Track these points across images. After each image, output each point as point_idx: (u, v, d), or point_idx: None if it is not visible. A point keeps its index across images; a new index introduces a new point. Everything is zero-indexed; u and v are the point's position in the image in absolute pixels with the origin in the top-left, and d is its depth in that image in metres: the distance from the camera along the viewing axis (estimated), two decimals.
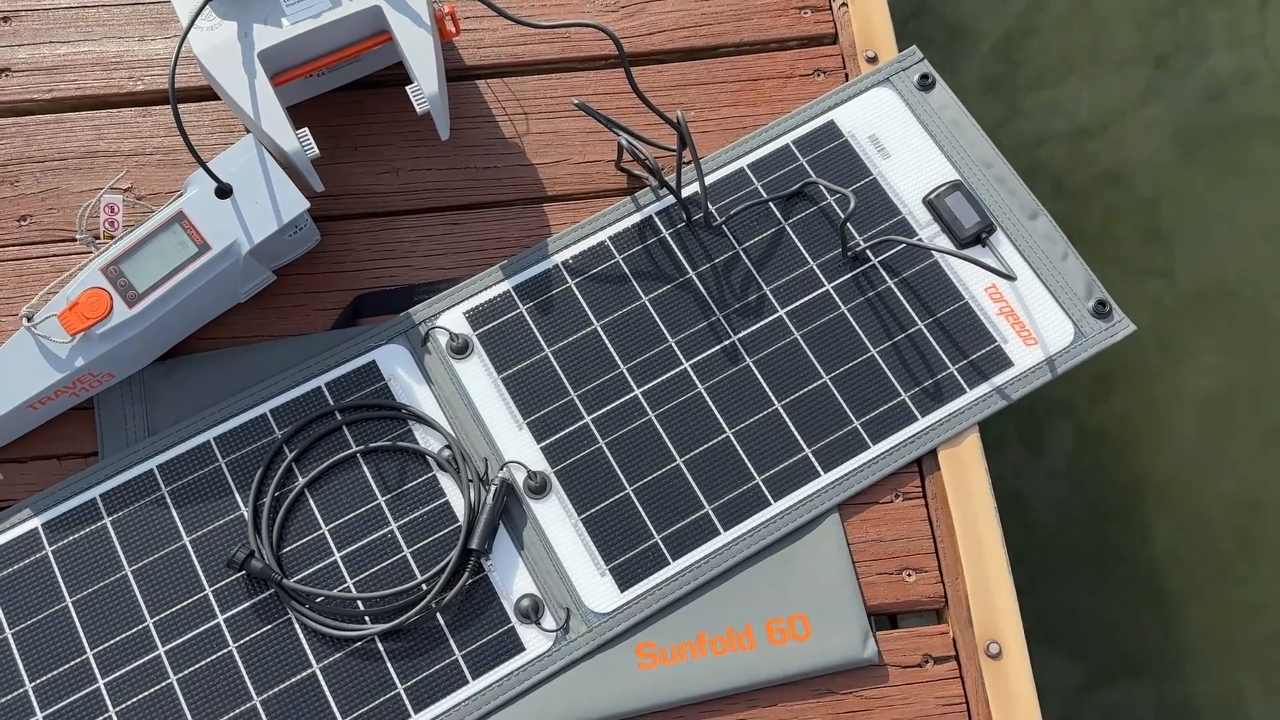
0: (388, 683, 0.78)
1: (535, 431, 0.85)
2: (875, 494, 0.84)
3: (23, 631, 0.78)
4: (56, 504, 0.82)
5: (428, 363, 0.87)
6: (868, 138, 0.94)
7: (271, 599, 0.79)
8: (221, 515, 0.82)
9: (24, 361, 0.80)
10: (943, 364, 0.87)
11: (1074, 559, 1.29)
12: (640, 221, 0.92)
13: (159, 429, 0.84)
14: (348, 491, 0.83)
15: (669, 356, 0.87)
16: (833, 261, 0.90)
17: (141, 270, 0.80)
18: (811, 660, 0.78)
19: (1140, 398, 1.35)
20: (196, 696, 0.77)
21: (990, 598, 0.80)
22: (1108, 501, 1.31)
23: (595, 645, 0.79)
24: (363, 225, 0.92)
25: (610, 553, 0.82)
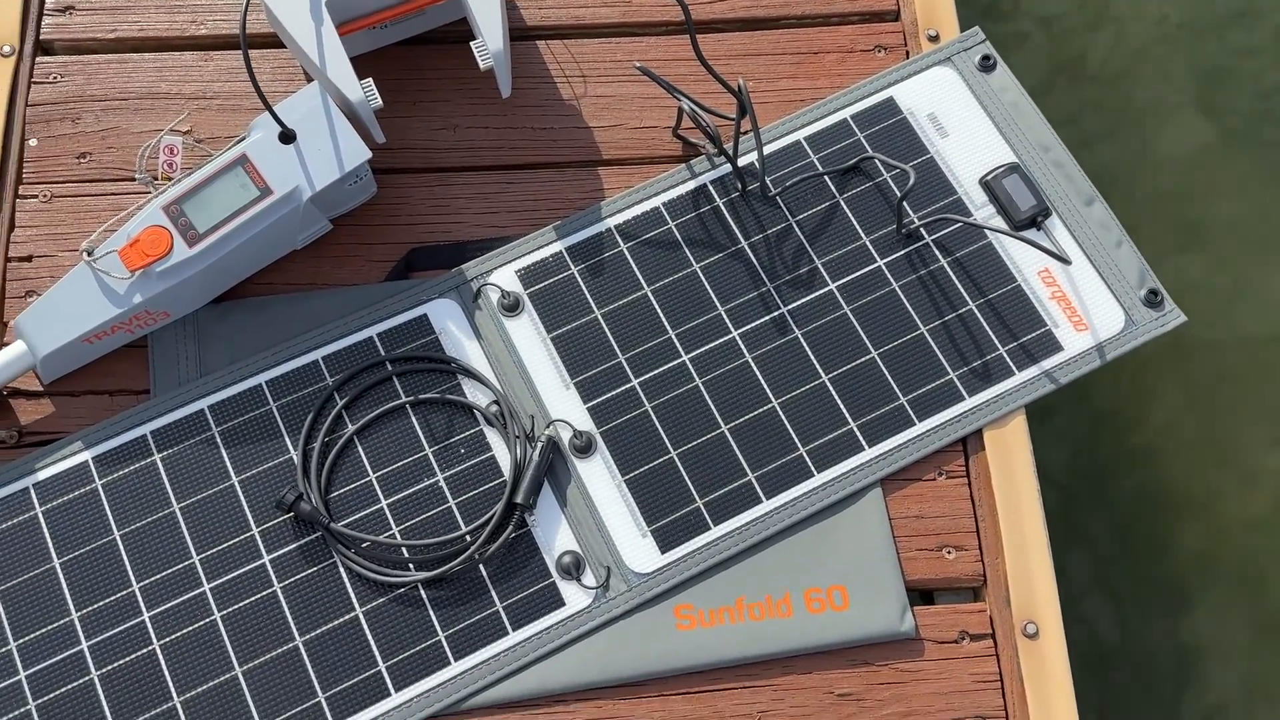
0: (429, 630, 0.78)
1: (582, 392, 0.85)
2: (918, 471, 0.84)
3: (71, 561, 0.79)
4: (107, 439, 0.83)
5: (478, 319, 0.88)
6: (926, 116, 0.94)
7: (317, 542, 0.80)
8: (270, 458, 0.82)
9: (82, 295, 0.81)
10: (992, 345, 0.87)
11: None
12: (694, 189, 0.92)
13: (211, 370, 0.85)
14: (396, 441, 0.84)
15: (718, 324, 0.87)
16: (886, 238, 0.90)
17: (203, 211, 0.81)
18: (849, 631, 0.79)
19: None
20: (239, 634, 0.78)
21: (1029, 578, 0.80)
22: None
23: (634, 604, 0.80)
24: (418, 180, 0.93)
25: (652, 514, 0.82)
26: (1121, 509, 1.31)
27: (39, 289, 0.88)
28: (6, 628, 0.77)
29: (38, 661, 0.76)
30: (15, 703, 0.75)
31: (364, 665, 0.77)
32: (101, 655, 0.77)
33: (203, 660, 0.77)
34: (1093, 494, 1.32)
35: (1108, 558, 1.29)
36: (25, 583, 0.79)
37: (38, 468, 0.81)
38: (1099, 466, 1.33)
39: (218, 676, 0.76)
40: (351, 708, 0.76)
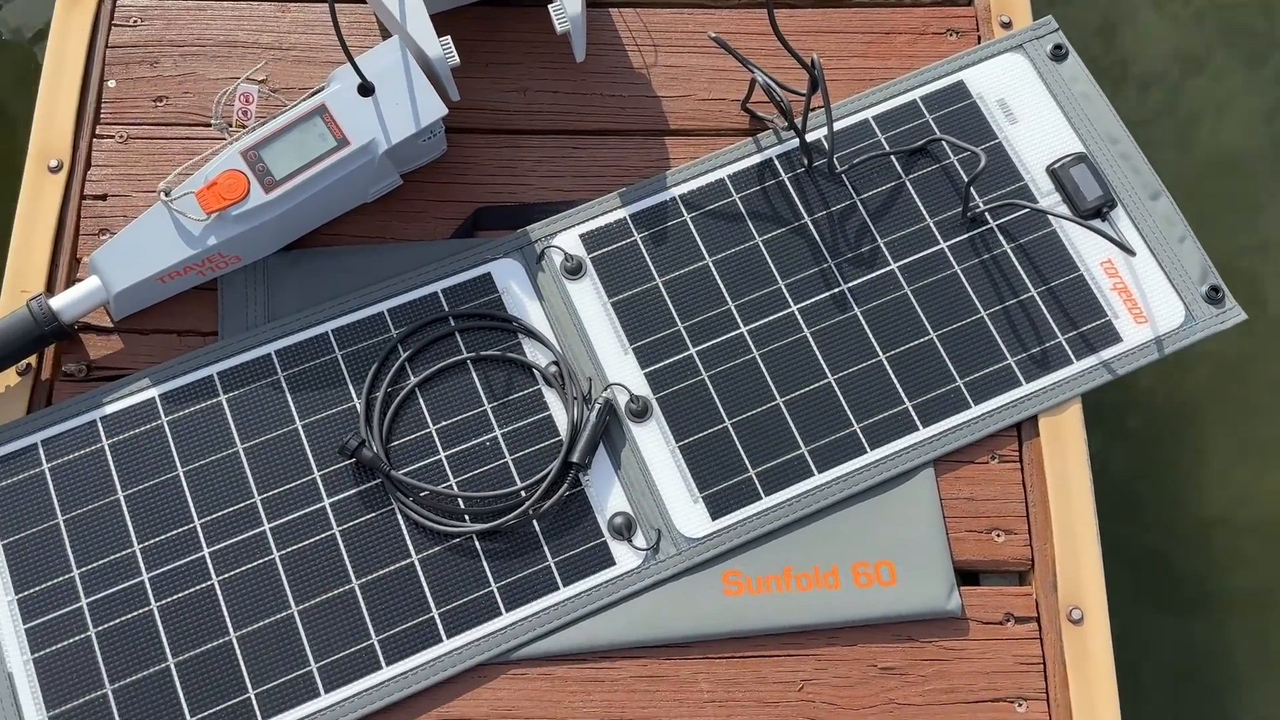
0: (482, 580, 0.80)
1: (640, 357, 0.86)
2: (971, 454, 0.84)
3: (134, 495, 0.81)
4: (174, 377, 0.84)
5: (541, 280, 0.89)
6: (996, 101, 0.94)
7: (377, 489, 0.82)
8: (334, 405, 0.84)
9: (158, 234, 0.82)
10: (1052, 332, 0.87)
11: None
12: (760, 163, 0.92)
13: (279, 316, 0.86)
14: (456, 395, 0.85)
15: (777, 298, 0.88)
16: (950, 220, 0.90)
17: (280, 158, 0.82)
18: (895, 606, 0.80)
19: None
20: (297, 574, 0.79)
21: (1077, 565, 0.81)
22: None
23: (683, 568, 0.81)
24: (487, 140, 0.94)
25: (705, 481, 0.83)
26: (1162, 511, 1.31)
27: (112, 228, 0.89)
28: (70, 555, 0.79)
29: (99, 590, 0.78)
30: (76, 628, 0.78)
31: (418, 611, 0.79)
32: (161, 587, 0.79)
33: (260, 597, 0.79)
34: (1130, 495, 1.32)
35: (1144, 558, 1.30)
36: (90, 513, 0.80)
37: (105, 402, 0.83)
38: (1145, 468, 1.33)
39: (274, 614, 0.78)
40: (404, 651, 0.78)
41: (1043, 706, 0.78)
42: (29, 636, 0.77)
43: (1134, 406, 1.36)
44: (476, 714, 0.77)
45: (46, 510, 0.80)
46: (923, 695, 0.78)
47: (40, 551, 0.79)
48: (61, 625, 0.78)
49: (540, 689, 0.78)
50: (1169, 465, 1.34)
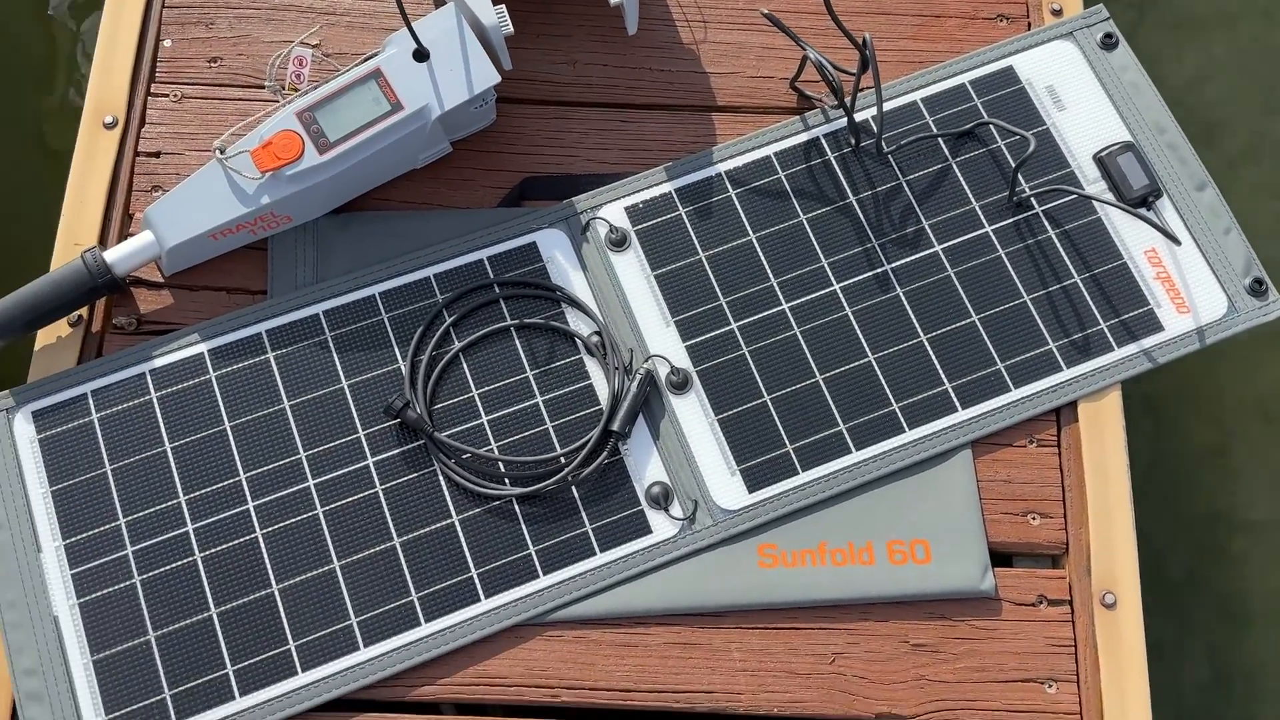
0: (520, 542, 0.81)
1: (682, 330, 0.87)
2: (1010, 436, 0.85)
3: (182, 447, 0.82)
4: (224, 333, 0.86)
5: (585, 251, 0.89)
6: (1045, 88, 0.94)
7: (420, 450, 0.83)
8: (379, 366, 0.85)
9: (212, 191, 0.84)
10: (1094, 319, 0.87)
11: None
12: (806, 141, 0.93)
13: (327, 277, 0.88)
14: (499, 361, 0.86)
15: (820, 276, 0.89)
16: (996, 204, 0.90)
17: (335, 120, 0.83)
18: (929, 584, 0.80)
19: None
20: (340, 530, 0.81)
21: (1111, 550, 0.81)
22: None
23: (719, 539, 0.82)
24: (536, 111, 0.95)
25: (742, 454, 0.84)
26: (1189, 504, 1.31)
27: (165, 185, 0.91)
28: (117, 503, 0.81)
29: (144, 539, 0.80)
30: (121, 575, 0.79)
31: (457, 570, 0.80)
32: (206, 538, 0.80)
33: (302, 551, 0.80)
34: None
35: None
36: (137, 463, 0.82)
37: (155, 355, 0.85)
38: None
39: (316, 568, 0.79)
40: (442, 609, 0.79)
41: (1073, 689, 0.79)
42: (75, 582, 0.79)
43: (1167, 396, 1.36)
44: (512, 673, 0.78)
45: (95, 459, 0.82)
46: (953, 672, 0.79)
47: (88, 499, 0.81)
48: (107, 572, 0.79)
49: (575, 651, 0.79)
50: (1191, 456, 1.34)
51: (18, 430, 0.82)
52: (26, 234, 1.46)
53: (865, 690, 0.78)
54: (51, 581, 0.79)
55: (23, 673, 0.77)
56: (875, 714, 0.78)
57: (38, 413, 0.83)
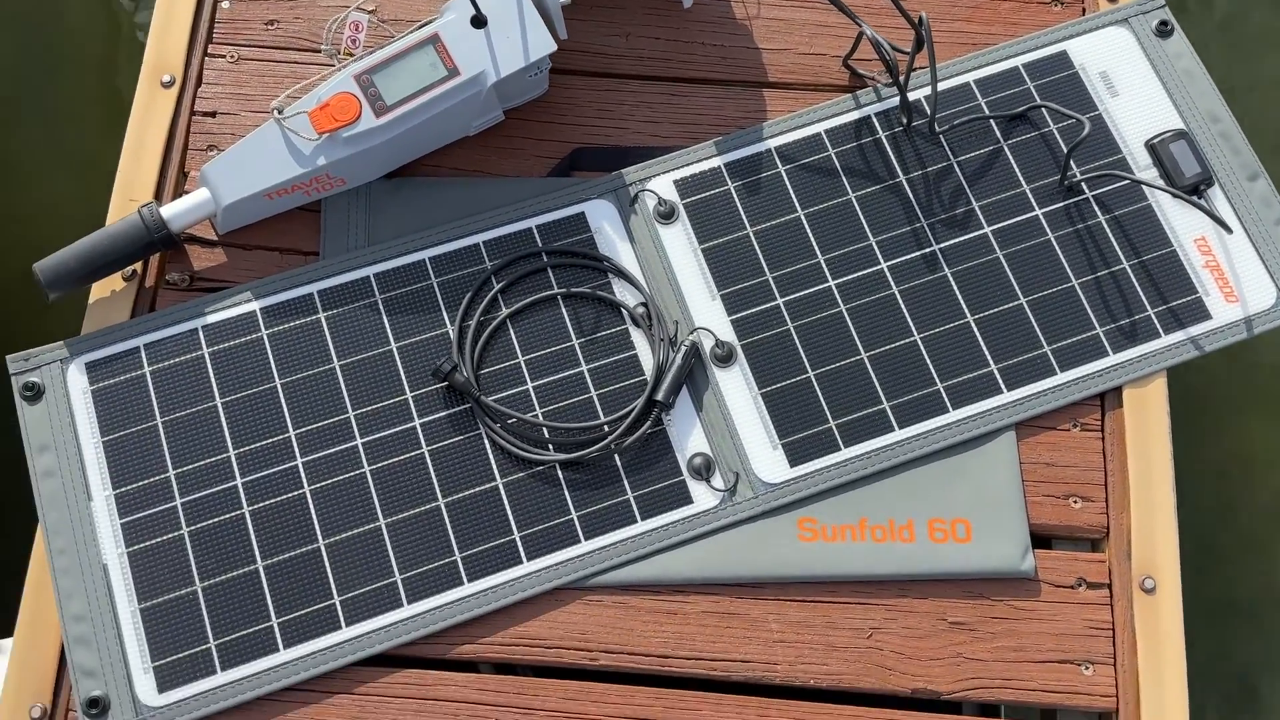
0: (563, 507, 0.82)
1: (727, 304, 0.87)
2: (1054, 420, 0.85)
3: (232, 403, 0.84)
4: (276, 292, 0.87)
5: (633, 223, 0.90)
6: (1098, 74, 0.94)
7: (466, 413, 0.84)
8: (428, 329, 0.86)
9: (270, 151, 0.84)
10: (1141, 305, 0.87)
11: None
12: (858, 120, 0.93)
13: (378, 240, 0.88)
14: (546, 329, 0.87)
15: (868, 254, 0.89)
16: (1046, 188, 0.90)
17: (392, 84, 0.84)
18: (969, 563, 0.81)
19: None
20: (386, 488, 0.82)
21: (1152, 535, 0.81)
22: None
23: (759, 511, 0.82)
24: (587, 83, 0.95)
25: (785, 429, 0.84)
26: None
27: (220, 144, 0.92)
28: (167, 456, 0.82)
29: (193, 491, 0.81)
30: (170, 526, 0.80)
31: (500, 532, 0.81)
32: (254, 493, 0.81)
33: (349, 509, 0.81)
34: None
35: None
36: (188, 417, 0.83)
37: (207, 311, 0.86)
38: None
39: (362, 525, 0.81)
40: (485, 569, 0.80)
41: (1109, 671, 0.79)
42: (124, 531, 0.80)
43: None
44: (551, 635, 0.79)
45: (146, 411, 0.83)
46: (990, 651, 0.79)
47: (138, 450, 0.82)
48: (156, 522, 0.81)
49: (614, 616, 0.80)
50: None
51: (71, 381, 0.84)
52: (86, 188, 1.50)
53: (902, 665, 0.79)
54: (101, 530, 0.80)
55: (72, 618, 0.78)
56: (911, 689, 0.78)
57: (91, 364, 0.84)
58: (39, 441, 0.82)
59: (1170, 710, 0.77)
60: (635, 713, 0.78)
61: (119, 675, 0.77)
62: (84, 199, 1.51)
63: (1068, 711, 0.79)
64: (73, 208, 1.52)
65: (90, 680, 0.77)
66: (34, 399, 0.83)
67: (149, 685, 0.77)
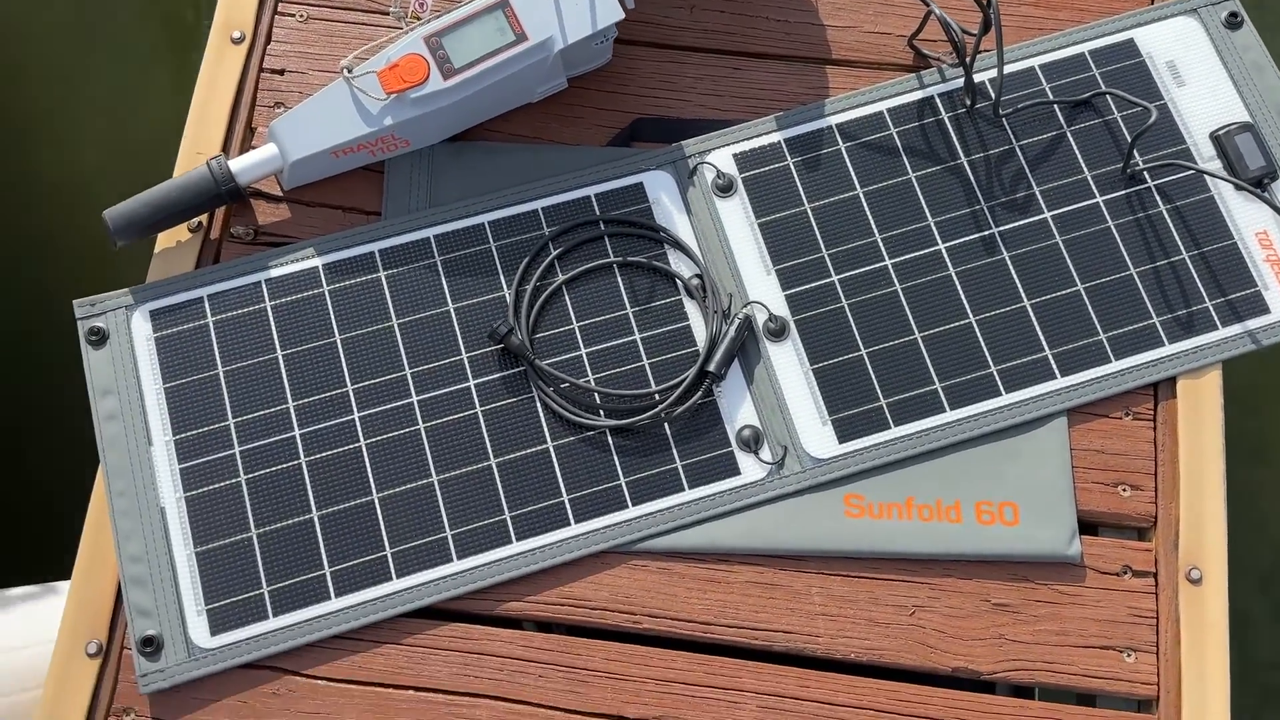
0: (612, 472, 0.83)
1: (782, 279, 0.88)
2: (1106, 408, 0.85)
3: (292, 355, 0.85)
4: (338, 249, 0.88)
5: (690, 195, 0.90)
6: (1165, 63, 0.93)
7: (519, 376, 0.85)
8: (485, 292, 0.87)
9: (338, 109, 0.86)
10: (1199, 296, 0.87)
11: None
12: (920, 100, 0.93)
13: (440, 203, 0.89)
14: (600, 296, 0.87)
15: (925, 235, 0.89)
16: (1108, 175, 0.90)
17: (460, 47, 0.85)
18: (1015, 546, 0.81)
19: None
20: (440, 446, 0.83)
21: (1201, 526, 0.81)
22: None
23: (806, 485, 0.83)
24: (650, 54, 0.95)
25: (835, 405, 0.85)
26: None
27: (287, 102, 0.93)
28: (227, 404, 0.84)
29: (252, 440, 0.83)
30: (227, 473, 0.82)
31: (549, 494, 0.82)
32: (311, 444, 0.83)
33: (403, 464, 0.82)
34: None
35: None
36: (249, 367, 0.85)
37: (271, 265, 0.87)
38: None
39: (415, 481, 0.82)
40: (534, 529, 0.81)
41: (1152, 660, 0.79)
42: (183, 476, 0.82)
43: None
44: (596, 597, 0.80)
45: (208, 360, 0.85)
46: (1033, 634, 0.79)
47: (200, 398, 0.84)
48: (214, 469, 0.82)
49: (658, 581, 0.81)
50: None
51: (135, 327, 0.86)
52: (151, 143, 1.53)
53: (943, 644, 0.79)
54: (160, 474, 0.82)
55: (129, 558, 0.80)
56: (952, 668, 0.79)
57: (155, 312, 0.86)
58: (102, 385, 0.84)
59: (1212, 701, 0.77)
60: (676, 676, 0.79)
61: (173, 616, 0.79)
62: (150, 153, 1.54)
63: (1108, 697, 0.79)
64: (137, 162, 1.55)
65: (145, 620, 0.79)
66: (99, 343, 0.85)
67: (202, 627, 0.79)
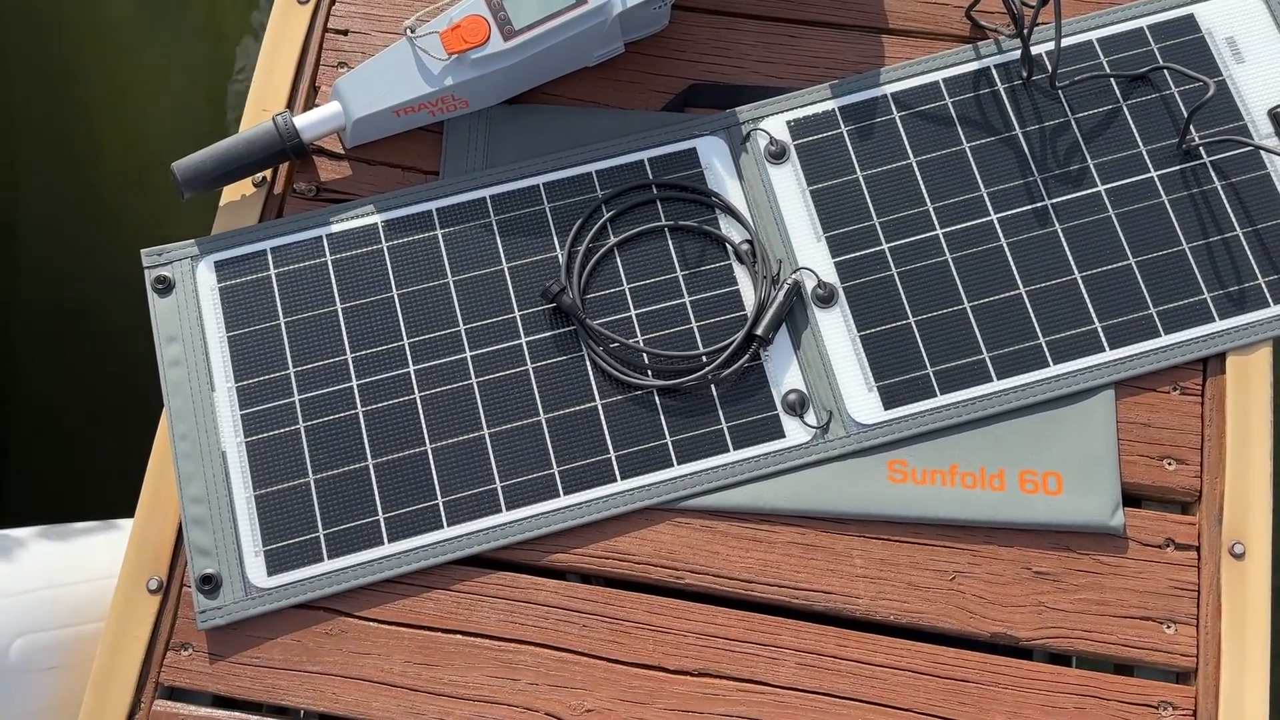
0: (658, 431, 0.84)
1: (832, 246, 0.89)
2: (1154, 382, 0.85)
3: (351, 309, 0.87)
4: (397, 207, 0.90)
5: (743, 161, 0.91)
6: (1224, 39, 0.92)
7: (570, 335, 0.86)
8: (538, 252, 0.89)
9: (400, 68, 0.87)
10: (1252, 273, 0.86)
11: None
12: (977, 70, 0.93)
13: (496, 164, 0.91)
14: (651, 259, 0.89)
15: (978, 205, 0.89)
16: (1163, 150, 0.89)
17: (521, 8, 0.86)
18: (1057, 515, 0.81)
19: None
20: (492, 400, 0.85)
21: (1246, 502, 0.81)
22: None
23: (850, 450, 0.84)
24: (707, 20, 0.96)
25: (881, 372, 0.85)
26: None
27: (350, 62, 0.95)
28: (288, 354, 0.86)
29: (311, 390, 0.85)
30: (287, 420, 0.85)
31: (597, 450, 0.84)
32: (368, 395, 0.85)
33: (456, 416, 0.84)
34: None
35: None
36: (309, 319, 0.87)
37: (332, 220, 0.89)
38: None
39: (467, 433, 0.84)
40: (581, 484, 0.83)
41: (1192, 632, 0.79)
42: (244, 422, 0.85)
43: None
44: (640, 551, 0.82)
45: (270, 311, 0.87)
46: (1072, 603, 0.80)
47: (261, 347, 0.86)
48: (274, 415, 0.85)
49: (701, 539, 0.82)
50: None
51: (200, 277, 0.88)
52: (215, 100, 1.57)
53: (983, 609, 0.80)
54: (222, 419, 0.85)
55: (190, 500, 0.83)
56: (990, 633, 0.80)
57: (220, 263, 0.89)
58: (168, 332, 0.87)
59: (1251, 675, 0.78)
60: (717, 631, 0.80)
61: (231, 556, 0.82)
62: (212, 111, 1.57)
63: (1146, 667, 0.80)
64: (200, 119, 1.59)
65: (205, 558, 0.82)
66: (165, 292, 0.88)
67: (259, 567, 0.82)
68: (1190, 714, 0.78)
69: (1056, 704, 0.78)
